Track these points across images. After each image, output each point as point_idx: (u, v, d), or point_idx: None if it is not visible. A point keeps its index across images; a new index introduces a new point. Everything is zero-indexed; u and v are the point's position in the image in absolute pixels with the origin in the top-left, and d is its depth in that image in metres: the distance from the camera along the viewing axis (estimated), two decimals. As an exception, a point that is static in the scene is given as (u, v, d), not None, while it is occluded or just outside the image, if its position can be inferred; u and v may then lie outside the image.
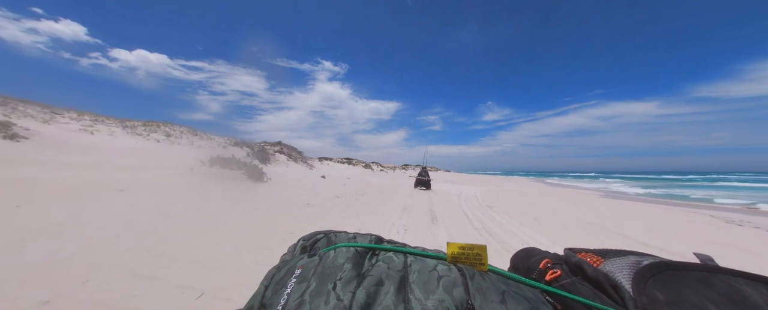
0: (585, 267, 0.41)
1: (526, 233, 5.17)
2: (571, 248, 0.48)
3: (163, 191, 5.36)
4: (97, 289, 1.95)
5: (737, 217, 9.35)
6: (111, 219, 3.33)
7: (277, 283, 0.37)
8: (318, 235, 0.50)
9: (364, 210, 6.51)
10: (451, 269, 0.37)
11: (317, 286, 0.34)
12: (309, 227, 4.36)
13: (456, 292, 0.33)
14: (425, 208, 7.64)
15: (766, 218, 9.32)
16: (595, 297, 0.36)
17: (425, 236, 4.56)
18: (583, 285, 0.39)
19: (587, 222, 6.78)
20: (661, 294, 0.32)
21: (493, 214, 7.33)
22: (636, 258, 0.40)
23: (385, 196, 9.61)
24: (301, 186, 9.62)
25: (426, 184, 13.00)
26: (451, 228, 5.35)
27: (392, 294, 0.33)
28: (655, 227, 6.67)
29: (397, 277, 0.36)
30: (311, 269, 0.38)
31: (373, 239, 0.47)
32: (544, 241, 4.70)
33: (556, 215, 7.60)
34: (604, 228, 6.17)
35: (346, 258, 0.39)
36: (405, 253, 0.42)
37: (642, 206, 11.39)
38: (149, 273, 2.23)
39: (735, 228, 7.24)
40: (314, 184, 10.90)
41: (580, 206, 10.17)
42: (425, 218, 6.21)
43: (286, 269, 0.40)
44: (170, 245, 2.80)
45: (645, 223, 7.22)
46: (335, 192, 9.01)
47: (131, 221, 3.37)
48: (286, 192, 7.78)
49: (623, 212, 9.14)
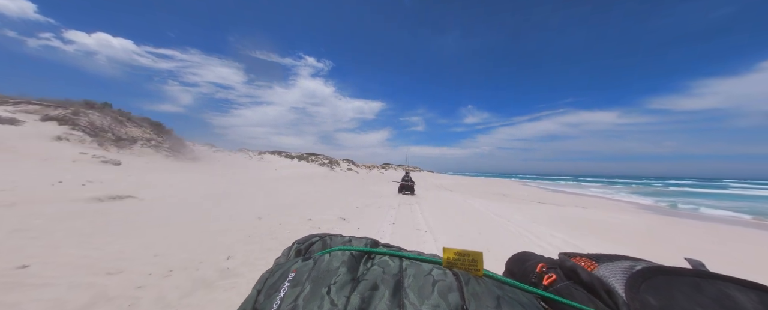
0: (579, 271, 0.41)
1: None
2: (566, 252, 0.49)
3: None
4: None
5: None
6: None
7: (269, 287, 0.36)
8: (313, 238, 0.49)
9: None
10: (446, 273, 0.37)
11: (311, 290, 0.34)
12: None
13: (451, 297, 0.32)
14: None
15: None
16: (589, 302, 0.37)
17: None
18: (577, 289, 0.39)
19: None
20: (653, 299, 0.32)
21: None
22: (629, 263, 0.40)
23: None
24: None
25: (410, 189, 12.20)
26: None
27: (387, 299, 0.32)
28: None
29: (393, 281, 0.36)
30: (305, 273, 0.37)
31: (369, 242, 0.47)
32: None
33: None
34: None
35: (341, 262, 0.39)
36: (400, 257, 0.42)
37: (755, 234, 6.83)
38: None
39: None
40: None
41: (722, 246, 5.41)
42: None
43: (279, 272, 0.39)
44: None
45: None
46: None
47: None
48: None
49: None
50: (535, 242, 4.55)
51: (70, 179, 6.35)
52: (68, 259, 2.43)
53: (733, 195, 23.19)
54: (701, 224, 8.25)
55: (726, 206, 13.96)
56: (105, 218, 3.77)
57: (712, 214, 11.64)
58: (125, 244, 2.92)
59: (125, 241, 3.00)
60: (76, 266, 2.31)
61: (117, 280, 2.16)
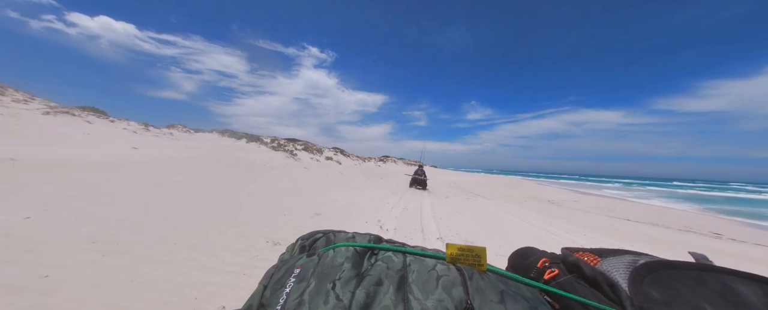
0: (582, 266, 0.41)
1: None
2: (569, 247, 0.49)
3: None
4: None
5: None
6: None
7: (275, 283, 0.37)
8: (317, 234, 0.50)
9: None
10: (450, 268, 0.38)
11: (316, 285, 0.34)
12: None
13: (455, 292, 0.33)
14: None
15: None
16: (592, 296, 0.37)
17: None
18: (581, 284, 0.40)
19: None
20: (656, 293, 0.32)
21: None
22: (632, 257, 0.40)
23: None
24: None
25: (422, 183, 11.79)
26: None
27: (392, 294, 0.33)
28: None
29: (397, 277, 0.36)
30: (310, 269, 0.38)
31: (372, 238, 0.48)
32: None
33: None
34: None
35: (346, 258, 0.39)
36: (404, 253, 0.43)
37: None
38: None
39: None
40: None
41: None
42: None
43: (285, 268, 0.40)
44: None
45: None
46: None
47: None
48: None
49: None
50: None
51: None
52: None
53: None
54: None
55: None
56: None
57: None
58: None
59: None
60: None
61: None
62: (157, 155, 10.28)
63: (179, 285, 1.96)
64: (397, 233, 4.16)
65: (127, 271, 2.07)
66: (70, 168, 5.91)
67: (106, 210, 3.41)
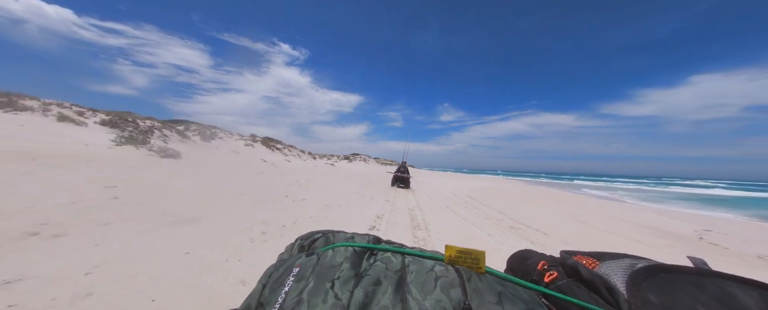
0: (580, 269, 0.41)
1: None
2: (567, 250, 0.49)
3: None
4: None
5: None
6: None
7: (274, 282, 0.37)
8: (316, 234, 0.50)
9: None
10: (448, 269, 0.38)
11: (315, 285, 0.34)
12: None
13: (453, 292, 0.33)
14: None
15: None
16: (590, 299, 0.37)
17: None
18: (579, 287, 0.40)
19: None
20: (654, 297, 0.32)
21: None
22: (631, 261, 0.40)
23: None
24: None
25: (405, 181, 11.46)
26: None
27: (390, 294, 0.33)
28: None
29: (395, 277, 0.36)
30: (309, 268, 0.38)
31: (371, 239, 0.48)
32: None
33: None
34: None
35: (344, 258, 0.39)
36: (403, 253, 0.43)
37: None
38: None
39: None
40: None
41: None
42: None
43: (284, 267, 0.40)
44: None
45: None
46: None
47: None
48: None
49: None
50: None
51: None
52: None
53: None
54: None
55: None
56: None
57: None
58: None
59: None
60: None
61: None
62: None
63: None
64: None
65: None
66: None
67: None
